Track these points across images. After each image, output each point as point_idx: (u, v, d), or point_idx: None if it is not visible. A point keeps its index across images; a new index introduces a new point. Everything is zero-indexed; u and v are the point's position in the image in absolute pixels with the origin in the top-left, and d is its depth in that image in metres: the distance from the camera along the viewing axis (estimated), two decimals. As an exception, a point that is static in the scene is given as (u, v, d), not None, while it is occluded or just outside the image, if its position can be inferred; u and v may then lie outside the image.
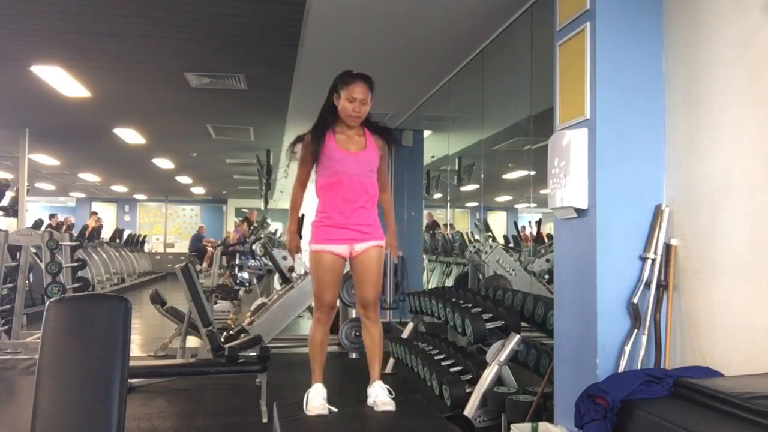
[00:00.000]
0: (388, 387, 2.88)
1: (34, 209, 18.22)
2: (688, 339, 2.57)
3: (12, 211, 7.99)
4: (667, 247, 2.64)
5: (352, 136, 2.80)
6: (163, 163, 12.20)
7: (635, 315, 2.62)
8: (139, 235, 17.18)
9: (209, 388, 4.93)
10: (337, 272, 2.83)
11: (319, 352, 2.92)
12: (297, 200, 2.95)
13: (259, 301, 7.47)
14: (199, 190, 18.22)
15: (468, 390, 3.78)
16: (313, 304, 2.93)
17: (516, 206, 13.61)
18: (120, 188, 18.00)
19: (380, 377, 2.92)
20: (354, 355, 5.93)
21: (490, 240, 8.99)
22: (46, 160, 11.54)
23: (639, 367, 2.56)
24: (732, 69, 2.38)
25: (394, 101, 6.62)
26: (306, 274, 6.52)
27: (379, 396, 2.82)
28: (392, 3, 3.96)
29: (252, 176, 12.74)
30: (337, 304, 2.95)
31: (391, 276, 7.83)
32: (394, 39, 4.63)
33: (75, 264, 6.58)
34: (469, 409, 3.65)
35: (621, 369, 2.57)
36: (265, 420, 4.04)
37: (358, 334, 5.86)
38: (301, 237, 9.10)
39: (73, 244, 6.77)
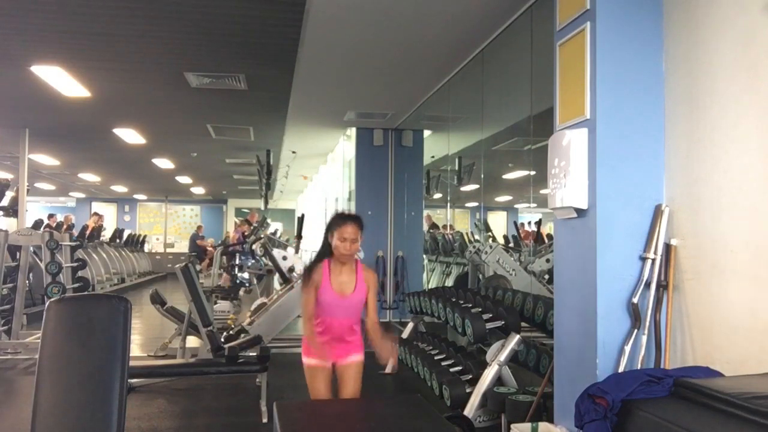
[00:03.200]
0: None
1: (34, 209, 18.22)
2: (688, 339, 2.57)
3: (12, 211, 7.99)
4: (667, 247, 2.63)
5: (344, 274, 3.07)
6: (163, 163, 12.20)
7: (635, 315, 2.62)
8: (139, 235, 17.18)
9: (209, 388, 4.93)
10: (327, 381, 3.12)
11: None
12: (310, 332, 3.09)
13: (259, 301, 7.47)
14: (199, 190, 18.23)
15: (468, 390, 3.78)
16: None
17: (516, 206, 13.59)
18: (120, 188, 18.00)
19: None
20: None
21: (490, 240, 8.99)
22: (46, 160, 11.54)
23: (639, 367, 2.56)
24: (732, 69, 2.38)
25: (394, 101, 6.62)
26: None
27: None
28: (392, 3, 3.96)
29: (252, 176, 12.74)
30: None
31: (391, 276, 7.84)
32: (394, 39, 4.63)
33: (75, 264, 6.58)
34: (469, 409, 3.65)
35: (621, 369, 2.57)
36: (265, 420, 4.04)
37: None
38: (301, 237, 9.10)
39: (73, 244, 6.78)
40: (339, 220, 3.06)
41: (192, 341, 5.98)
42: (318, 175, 12.72)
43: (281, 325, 6.18)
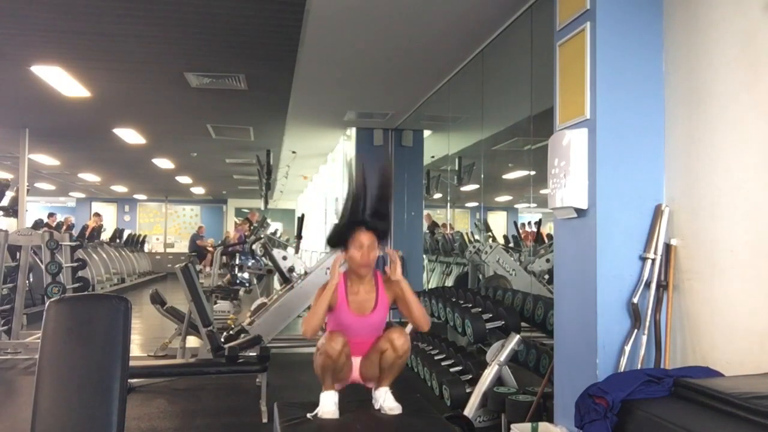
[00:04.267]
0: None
1: (34, 209, 18.22)
2: (688, 339, 2.57)
3: (12, 211, 8.00)
4: (667, 247, 2.63)
5: (362, 291, 2.71)
6: (163, 163, 12.20)
7: (635, 315, 2.62)
8: (139, 235, 17.18)
9: (209, 388, 4.93)
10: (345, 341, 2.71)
11: (332, 370, 2.69)
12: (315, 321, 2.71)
13: (259, 301, 7.47)
14: (199, 190, 18.23)
15: (468, 390, 3.78)
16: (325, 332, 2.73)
17: (516, 206, 13.60)
18: (120, 188, 18.00)
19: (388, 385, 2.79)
20: (354, 355, 5.92)
21: (490, 240, 8.99)
22: (46, 160, 11.54)
23: (639, 367, 2.56)
24: (732, 69, 2.38)
25: (394, 101, 6.62)
26: (306, 273, 6.52)
27: (386, 402, 2.74)
28: (392, 3, 3.96)
29: (252, 176, 12.74)
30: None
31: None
32: (394, 39, 4.63)
33: (75, 264, 6.58)
34: (469, 409, 3.65)
35: (621, 369, 2.57)
36: (265, 420, 4.04)
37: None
38: (301, 237, 9.07)
39: (73, 244, 6.78)
40: (351, 226, 2.66)
41: (192, 341, 5.98)
42: (318, 175, 12.72)
43: (281, 325, 6.18)
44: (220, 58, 5.39)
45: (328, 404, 2.70)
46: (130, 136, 9.06)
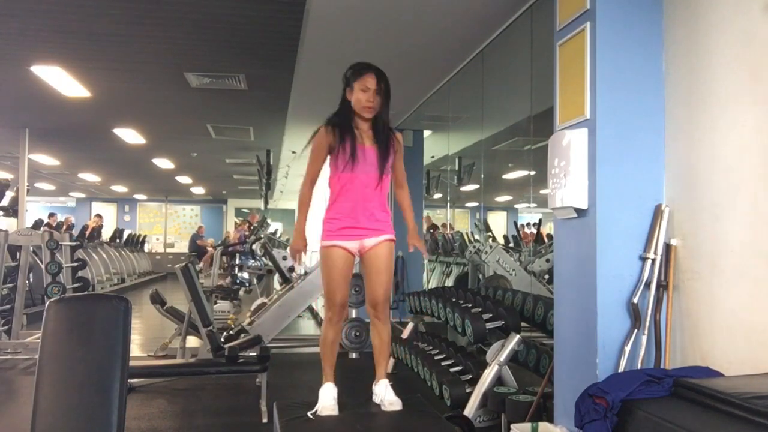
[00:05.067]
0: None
1: (34, 209, 18.23)
2: (688, 339, 2.57)
3: (12, 211, 8.00)
4: (667, 247, 2.63)
5: (366, 131, 2.85)
6: (163, 163, 12.21)
7: (635, 315, 2.62)
8: (139, 235, 17.18)
9: (209, 388, 4.93)
10: (347, 269, 2.84)
11: (331, 352, 2.89)
12: (306, 197, 2.91)
13: (259, 301, 7.47)
14: (199, 190, 18.23)
15: (468, 390, 3.78)
16: (323, 304, 2.88)
17: (516, 206, 13.61)
18: (120, 188, 18.00)
19: (386, 376, 2.93)
20: (354, 355, 5.93)
21: (490, 240, 8.99)
22: (46, 160, 11.55)
23: (639, 367, 2.56)
24: (732, 69, 2.38)
25: (394, 101, 6.56)
26: (306, 273, 6.52)
27: (387, 396, 2.83)
28: (392, 3, 3.96)
29: (252, 176, 12.74)
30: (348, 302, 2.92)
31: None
32: (394, 39, 4.63)
33: (75, 264, 6.58)
34: (469, 409, 3.65)
35: (621, 369, 2.57)
36: (265, 420, 4.04)
37: (358, 333, 5.86)
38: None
39: (73, 244, 6.78)
40: (360, 68, 2.82)
41: (192, 341, 5.98)
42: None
43: (281, 325, 6.18)
44: (220, 58, 5.39)
45: (328, 398, 2.75)
46: (130, 136, 9.07)
